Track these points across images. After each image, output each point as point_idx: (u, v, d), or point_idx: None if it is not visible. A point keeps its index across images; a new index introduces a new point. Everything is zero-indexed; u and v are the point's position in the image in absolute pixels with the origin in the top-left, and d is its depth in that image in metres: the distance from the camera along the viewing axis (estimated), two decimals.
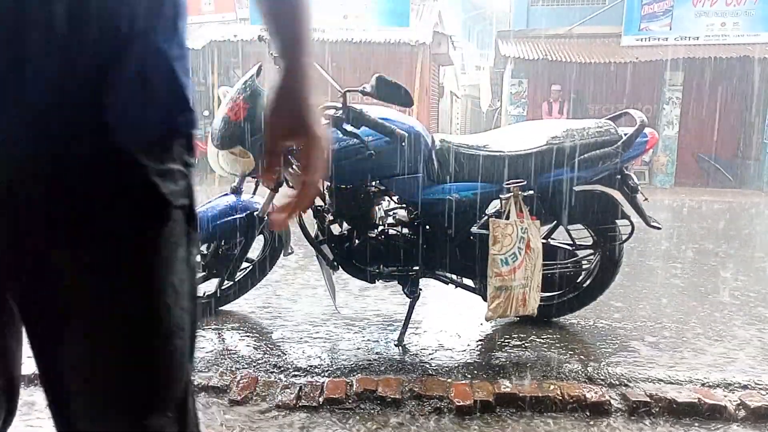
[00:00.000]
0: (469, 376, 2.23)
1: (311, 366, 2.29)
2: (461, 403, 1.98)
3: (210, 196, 2.76)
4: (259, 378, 2.16)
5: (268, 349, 2.48)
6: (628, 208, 2.56)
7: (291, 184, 2.43)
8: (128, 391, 0.71)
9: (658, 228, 2.55)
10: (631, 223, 2.54)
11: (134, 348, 0.70)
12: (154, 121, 0.65)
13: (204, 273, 2.73)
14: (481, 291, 2.56)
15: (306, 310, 2.97)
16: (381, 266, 2.48)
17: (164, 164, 0.66)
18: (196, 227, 0.74)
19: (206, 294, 2.83)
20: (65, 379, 0.70)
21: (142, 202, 0.65)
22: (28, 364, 0.75)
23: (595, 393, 2.05)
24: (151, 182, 0.64)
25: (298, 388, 2.08)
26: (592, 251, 2.68)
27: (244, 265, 2.81)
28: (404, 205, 2.53)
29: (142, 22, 0.62)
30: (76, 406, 0.70)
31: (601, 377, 2.21)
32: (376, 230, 2.48)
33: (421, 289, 2.54)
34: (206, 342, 2.53)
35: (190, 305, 0.75)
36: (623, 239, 2.58)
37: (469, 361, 2.39)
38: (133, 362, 0.70)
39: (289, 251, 2.85)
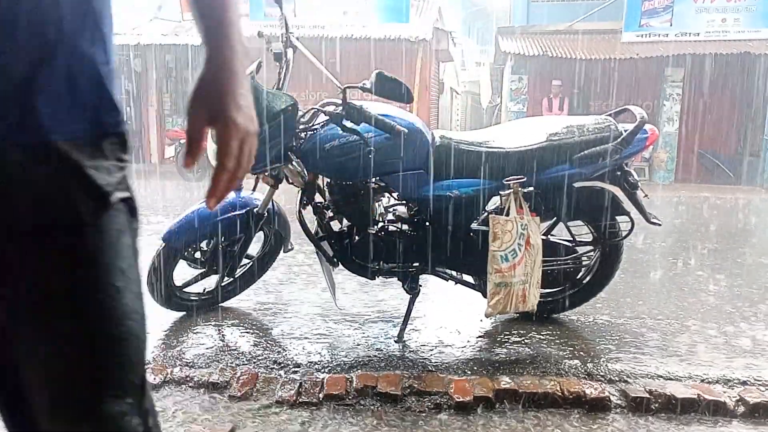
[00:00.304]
0: (469, 372, 2.23)
1: (311, 362, 2.29)
2: (461, 399, 1.98)
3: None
4: (259, 374, 2.16)
5: (268, 345, 2.48)
6: (628, 205, 2.56)
7: (291, 181, 2.44)
8: (86, 377, 0.73)
9: (658, 224, 2.55)
10: (631, 220, 2.54)
11: (88, 333, 0.72)
12: (82, 121, 0.69)
13: (204, 270, 2.74)
14: (480, 287, 2.56)
15: (306, 307, 2.97)
16: (381, 263, 2.48)
17: (96, 161, 0.70)
18: (138, 218, 0.78)
19: (206, 290, 2.83)
20: (20, 373, 0.71)
21: (80, 193, 0.69)
22: None
23: (595, 389, 2.06)
24: (86, 174, 0.69)
25: (298, 384, 2.09)
26: (591, 248, 2.68)
27: (244, 261, 2.81)
28: (404, 202, 2.53)
29: (69, 29, 0.67)
30: (33, 400, 0.72)
31: (601, 373, 2.21)
32: (375, 227, 2.48)
33: (421, 286, 2.55)
34: (207, 338, 2.53)
35: (140, 290, 0.78)
36: (623, 235, 2.58)
37: (468, 357, 2.40)
38: (88, 347, 0.72)
39: (289, 248, 2.85)
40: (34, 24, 0.64)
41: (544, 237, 2.56)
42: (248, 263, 2.88)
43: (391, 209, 2.58)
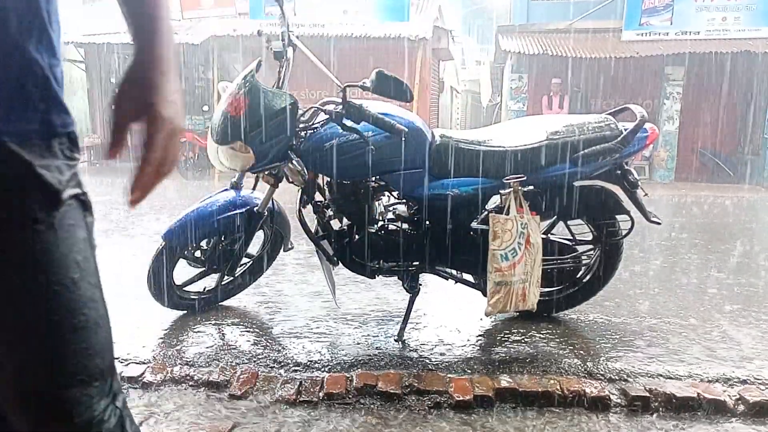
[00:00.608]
0: (469, 371, 2.23)
1: (311, 361, 2.29)
2: (461, 398, 1.98)
3: (210, 192, 2.76)
4: (259, 373, 2.17)
5: (268, 344, 2.48)
6: (628, 204, 2.56)
7: (291, 180, 2.44)
8: (50, 366, 0.76)
9: (658, 223, 2.55)
10: (631, 219, 2.54)
11: (47, 323, 0.75)
12: (32, 122, 0.72)
13: (204, 268, 2.74)
14: (480, 286, 2.56)
15: (306, 306, 2.97)
16: (381, 261, 2.49)
17: (46, 160, 0.73)
18: (92, 213, 0.82)
19: (207, 289, 2.83)
20: None
21: (32, 192, 0.72)
22: None
23: (595, 388, 2.06)
24: (38, 173, 0.72)
25: (298, 383, 2.09)
26: (591, 246, 2.68)
27: (244, 260, 2.81)
28: (404, 201, 2.53)
29: (17, 34, 0.69)
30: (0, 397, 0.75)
31: (601, 372, 2.21)
32: (376, 225, 2.48)
33: (421, 285, 2.55)
34: (207, 337, 2.54)
35: (98, 281, 0.81)
36: (623, 234, 2.58)
37: (468, 356, 2.40)
38: (48, 337, 0.75)
39: (289, 246, 2.85)
40: None
41: (544, 236, 2.56)
42: (248, 262, 2.88)
43: (391, 208, 2.58)
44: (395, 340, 2.51)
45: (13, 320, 0.74)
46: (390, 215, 2.55)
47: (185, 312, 2.77)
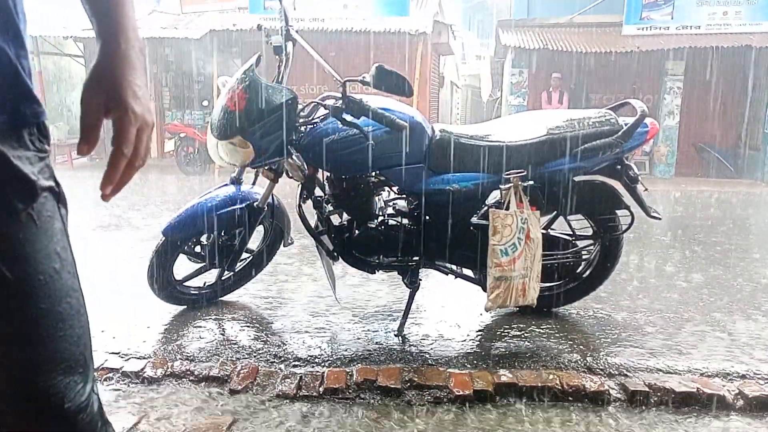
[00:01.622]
0: (469, 365, 2.24)
1: (311, 356, 2.30)
2: (461, 393, 1.99)
3: (210, 187, 2.76)
4: (259, 368, 2.17)
5: (268, 339, 2.48)
6: (628, 199, 2.55)
7: (291, 175, 2.43)
8: (36, 356, 0.77)
9: (658, 218, 2.55)
10: (631, 214, 2.54)
11: (33, 313, 0.76)
12: (1, 113, 0.72)
13: (204, 264, 2.74)
14: (480, 281, 2.56)
15: (306, 301, 2.97)
16: (381, 256, 2.49)
17: (17, 150, 0.74)
18: (66, 204, 0.83)
19: (207, 284, 2.83)
20: None
21: (10, 182, 0.73)
22: None
23: (594, 383, 2.06)
24: (13, 164, 0.72)
25: (298, 377, 2.09)
26: (591, 241, 2.68)
27: (244, 255, 2.81)
28: (404, 196, 2.53)
29: None
30: None
31: (600, 367, 2.22)
32: (376, 221, 2.48)
33: (421, 280, 2.55)
34: (207, 332, 2.54)
35: (76, 271, 0.83)
36: (623, 229, 2.58)
37: (468, 350, 2.40)
38: (34, 326, 0.77)
39: (289, 242, 2.85)
40: None
41: (544, 231, 2.56)
42: (248, 257, 2.88)
43: (391, 203, 2.58)
44: (395, 335, 2.51)
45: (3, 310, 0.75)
46: (390, 210, 2.55)
47: (185, 307, 2.78)
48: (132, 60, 0.80)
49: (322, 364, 2.23)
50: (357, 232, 2.45)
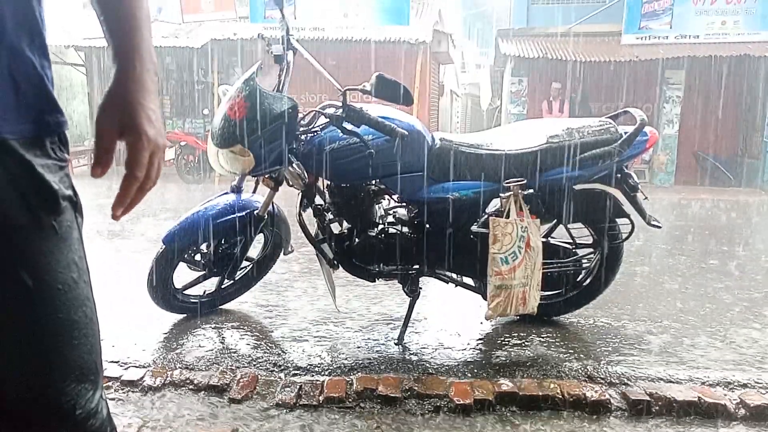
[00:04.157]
0: (469, 374, 2.23)
1: (311, 364, 2.29)
2: (461, 402, 1.98)
3: (210, 195, 2.76)
4: (259, 376, 2.16)
5: (268, 347, 2.48)
6: (628, 207, 2.56)
7: (291, 183, 2.44)
8: (52, 363, 0.78)
9: (658, 227, 2.55)
10: (631, 222, 2.54)
11: (52, 321, 0.77)
12: (27, 121, 0.73)
13: (204, 272, 2.74)
14: (481, 290, 2.56)
15: (306, 309, 2.97)
16: (381, 265, 2.48)
17: (42, 159, 0.75)
18: (82, 213, 0.84)
19: (207, 293, 2.83)
20: None
21: (35, 192, 0.74)
22: None
23: (595, 392, 2.05)
24: (38, 173, 0.74)
25: (298, 386, 2.08)
26: (592, 250, 2.68)
27: (244, 264, 2.81)
28: (404, 204, 2.53)
29: (12, 36, 0.71)
30: (2, 381, 0.77)
31: (601, 376, 2.21)
32: (376, 229, 2.48)
33: (421, 288, 2.54)
34: (207, 341, 2.53)
35: (89, 279, 0.85)
36: (623, 238, 2.58)
37: (469, 359, 2.39)
38: (52, 334, 0.77)
39: (289, 250, 2.85)
40: None
41: (544, 239, 2.56)
42: (248, 265, 2.88)
43: (391, 211, 2.58)
44: (395, 344, 2.51)
45: (19, 320, 0.76)
46: (390, 218, 2.55)
47: (185, 315, 2.77)
48: (146, 83, 0.81)
49: (322, 373, 2.22)
50: (357, 240, 2.45)
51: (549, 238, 2.67)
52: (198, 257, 2.73)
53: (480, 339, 2.63)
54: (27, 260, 0.75)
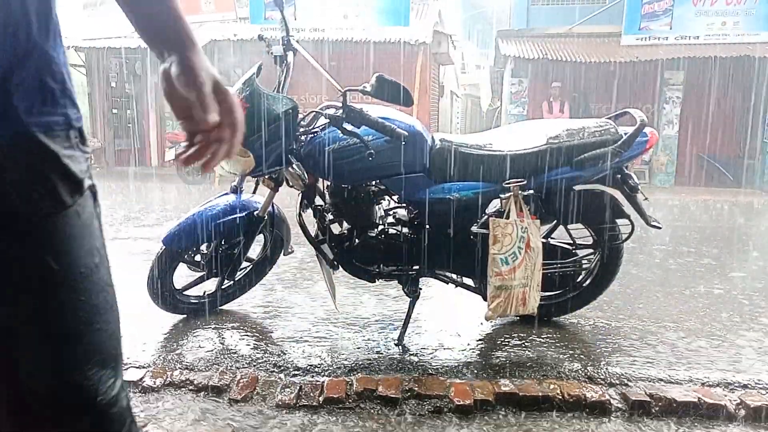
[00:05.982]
0: (469, 375, 2.23)
1: (311, 365, 2.29)
2: (461, 403, 1.98)
3: (210, 196, 2.76)
4: (259, 377, 2.16)
5: (268, 348, 2.48)
6: (628, 208, 2.56)
7: (291, 184, 2.44)
8: (78, 347, 0.80)
9: (659, 227, 2.55)
10: (631, 223, 2.54)
11: (72, 304, 0.79)
12: (53, 115, 0.77)
13: (204, 273, 2.74)
14: (481, 290, 2.56)
15: (306, 310, 2.97)
16: (381, 265, 2.48)
17: (67, 150, 0.79)
18: (99, 204, 0.87)
19: (206, 293, 2.83)
20: (17, 346, 0.77)
21: (60, 180, 0.77)
22: None
23: (595, 392, 2.05)
24: (64, 163, 0.77)
25: (298, 387, 2.08)
26: (592, 250, 2.68)
27: (244, 264, 2.81)
28: (404, 205, 2.53)
29: (37, 35, 0.75)
30: (25, 368, 0.78)
31: (601, 376, 2.21)
32: (376, 230, 2.48)
33: (421, 289, 2.54)
34: (207, 341, 2.53)
35: (109, 266, 0.87)
36: (623, 238, 2.59)
37: (469, 360, 2.39)
38: (73, 317, 0.79)
39: (290, 251, 2.85)
40: (8, 31, 0.71)
41: (544, 240, 2.56)
42: (248, 266, 2.88)
43: (391, 212, 2.58)
44: (395, 345, 2.50)
45: (43, 303, 0.77)
46: (390, 219, 2.55)
47: (185, 316, 2.77)
48: (207, 60, 0.86)
49: (322, 374, 2.22)
50: (357, 240, 2.45)
51: (549, 239, 2.67)
52: (198, 258, 2.73)
53: (480, 339, 2.63)
54: (52, 245, 0.77)
